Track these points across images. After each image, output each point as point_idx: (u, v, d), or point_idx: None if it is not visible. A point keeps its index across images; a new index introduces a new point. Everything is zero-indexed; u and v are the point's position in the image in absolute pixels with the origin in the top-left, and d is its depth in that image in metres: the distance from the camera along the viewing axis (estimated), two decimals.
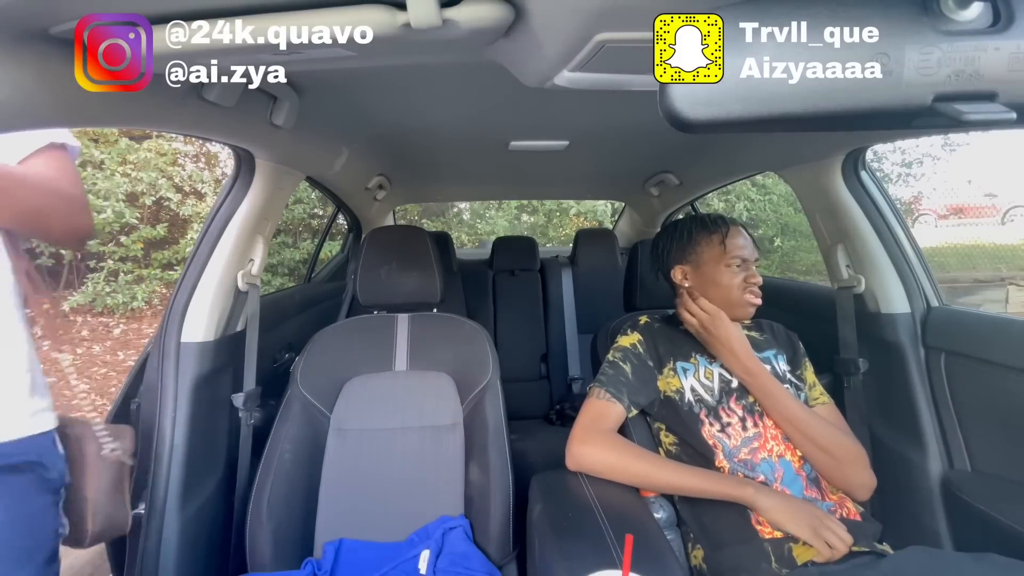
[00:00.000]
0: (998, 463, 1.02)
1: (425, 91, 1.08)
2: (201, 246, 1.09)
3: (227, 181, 1.15)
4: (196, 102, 0.82)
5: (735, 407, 0.96)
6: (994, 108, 0.35)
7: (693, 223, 1.06)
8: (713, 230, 1.03)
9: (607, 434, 0.95)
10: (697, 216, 1.06)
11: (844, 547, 0.79)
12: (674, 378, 1.00)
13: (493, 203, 7.17)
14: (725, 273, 1.00)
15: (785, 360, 1.05)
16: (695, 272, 1.04)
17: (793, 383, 1.01)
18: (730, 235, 1.01)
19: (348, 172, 1.63)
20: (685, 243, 1.05)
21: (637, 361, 1.02)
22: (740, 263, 1.00)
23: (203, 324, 1.06)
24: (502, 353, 1.20)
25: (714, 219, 1.04)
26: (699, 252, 1.03)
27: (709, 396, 0.97)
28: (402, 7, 0.55)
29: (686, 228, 1.06)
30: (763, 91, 0.35)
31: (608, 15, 0.53)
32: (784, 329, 1.13)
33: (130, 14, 0.57)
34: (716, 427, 0.95)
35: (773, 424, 0.95)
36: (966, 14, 0.35)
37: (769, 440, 0.94)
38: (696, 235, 1.04)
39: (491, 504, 1.03)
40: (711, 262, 1.02)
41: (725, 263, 1.00)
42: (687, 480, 0.89)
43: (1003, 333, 1.01)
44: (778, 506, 0.84)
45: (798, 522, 0.82)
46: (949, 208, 7.80)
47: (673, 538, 0.87)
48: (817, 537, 0.80)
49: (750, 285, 1.00)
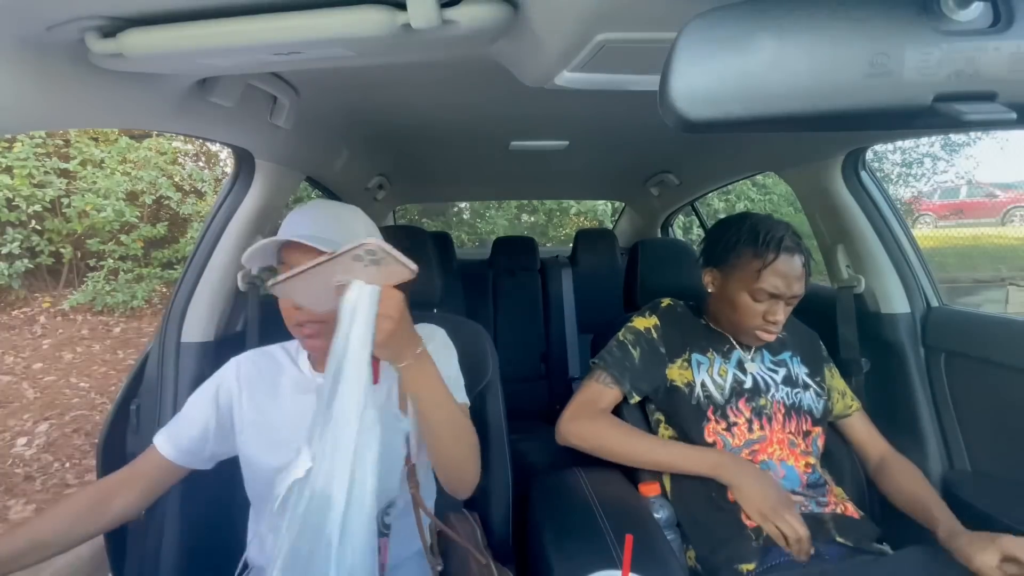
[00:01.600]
0: (998, 463, 1.02)
1: (425, 91, 1.08)
2: (201, 246, 1.09)
3: (227, 181, 1.15)
4: (196, 102, 0.82)
5: (743, 408, 0.96)
6: (994, 108, 0.35)
7: (745, 235, 0.95)
8: (758, 254, 0.92)
9: (596, 413, 0.97)
10: (755, 227, 0.94)
11: (795, 535, 0.78)
12: (687, 370, 0.99)
13: (493, 203, 7.16)
14: (746, 299, 0.94)
15: (801, 361, 1.03)
16: (722, 281, 0.99)
17: (807, 385, 1.00)
18: (772, 267, 0.90)
19: (348, 172, 1.63)
20: (728, 250, 0.97)
21: (648, 347, 1.01)
22: (768, 296, 0.92)
23: (203, 324, 1.06)
24: (502, 353, 1.20)
25: (768, 241, 0.92)
26: (733, 265, 0.96)
27: (719, 394, 0.96)
28: (402, 7, 0.55)
29: (735, 236, 0.96)
30: (763, 91, 0.35)
31: (608, 15, 0.53)
32: (807, 329, 1.10)
33: (130, 14, 0.57)
34: (721, 425, 0.94)
35: (780, 430, 0.95)
36: (966, 14, 0.35)
37: (773, 444, 0.94)
38: (740, 249, 0.95)
39: (491, 504, 1.03)
40: (739, 281, 0.95)
41: (751, 290, 0.93)
42: (663, 454, 0.92)
43: (1003, 333, 1.01)
44: (742, 484, 0.85)
45: (752, 504, 0.83)
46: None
47: (673, 538, 0.87)
48: (767, 521, 0.81)
49: (767, 323, 0.93)
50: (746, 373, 0.98)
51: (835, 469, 1.02)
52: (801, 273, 0.92)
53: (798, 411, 0.97)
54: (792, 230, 0.95)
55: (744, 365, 1.00)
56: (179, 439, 0.80)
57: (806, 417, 0.97)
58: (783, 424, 0.95)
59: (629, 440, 0.94)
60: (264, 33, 0.57)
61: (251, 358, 0.86)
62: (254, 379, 0.83)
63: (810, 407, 0.98)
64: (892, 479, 0.96)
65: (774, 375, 1.00)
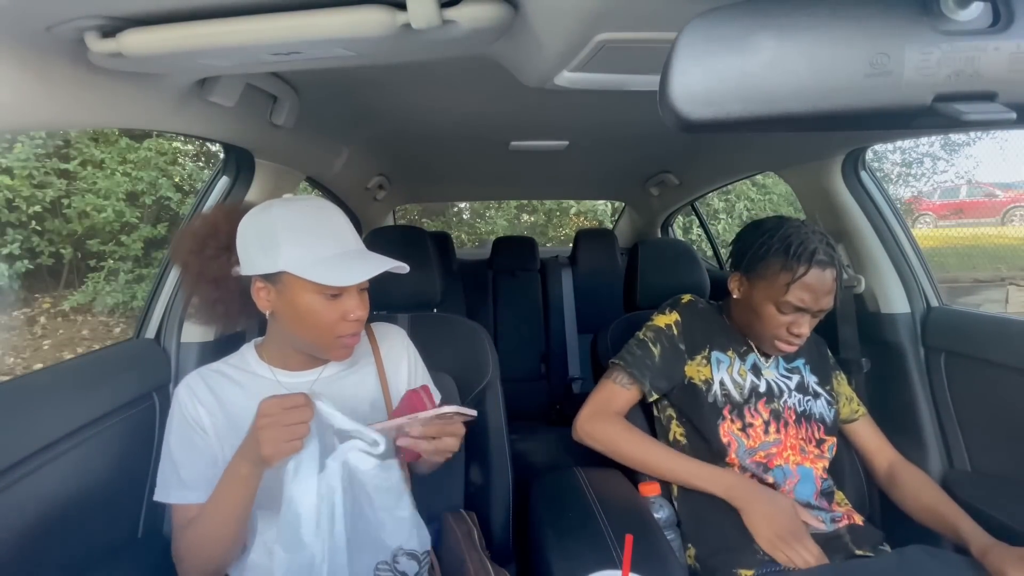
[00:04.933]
0: (998, 463, 1.02)
1: (425, 91, 1.08)
2: None
3: (227, 181, 1.15)
4: (196, 102, 0.82)
5: (762, 410, 0.95)
6: (994, 108, 0.35)
7: (776, 245, 0.91)
8: (787, 266, 0.88)
9: (612, 416, 0.98)
10: (787, 237, 0.90)
11: (806, 565, 0.79)
12: (706, 367, 0.98)
13: (493, 203, 7.17)
14: (772, 310, 0.91)
15: (811, 370, 1.03)
16: (749, 288, 0.96)
17: (817, 394, 1.00)
18: (800, 282, 0.87)
19: (348, 172, 1.63)
20: (757, 259, 0.93)
21: (668, 344, 1.00)
22: (794, 309, 0.90)
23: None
24: (502, 353, 1.20)
25: (799, 254, 0.88)
26: (760, 274, 0.93)
27: (737, 394, 0.96)
28: (402, 7, 0.55)
29: (766, 245, 0.92)
30: (763, 91, 0.35)
31: (608, 15, 0.53)
32: (815, 335, 1.08)
33: (130, 14, 0.57)
34: (737, 425, 0.94)
35: (794, 435, 0.95)
36: (966, 14, 0.35)
37: (788, 448, 0.94)
38: (770, 259, 0.91)
39: (491, 504, 1.03)
40: (765, 291, 0.92)
41: (777, 302, 0.90)
42: (677, 467, 0.92)
43: (1003, 333, 1.01)
44: (754, 510, 0.85)
45: (761, 532, 0.83)
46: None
47: (673, 538, 0.87)
48: (776, 550, 0.81)
49: (791, 335, 0.91)
50: (761, 378, 0.98)
51: (835, 472, 1.02)
52: (831, 287, 0.88)
53: (808, 419, 0.97)
54: (827, 241, 0.91)
55: (760, 370, 0.99)
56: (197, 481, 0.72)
57: (817, 425, 0.97)
58: (796, 430, 0.95)
59: (643, 448, 0.94)
60: (264, 33, 0.57)
61: (199, 379, 0.77)
62: (212, 398, 0.75)
63: (821, 415, 0.98)
64: (908, 491, 0.96)
65: (788, 382, 1.00)
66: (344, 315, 0.72)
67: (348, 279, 0.70)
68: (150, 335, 1.06)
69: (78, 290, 4.59)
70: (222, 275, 0.76)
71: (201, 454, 0.73)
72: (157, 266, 4.68)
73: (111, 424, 0.88)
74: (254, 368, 0.80)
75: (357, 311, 0.73)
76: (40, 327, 4.37)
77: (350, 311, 0.72)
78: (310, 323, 0.72)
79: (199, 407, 0.74)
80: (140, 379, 0.97)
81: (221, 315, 0.79)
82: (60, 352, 4.14)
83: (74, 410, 0.81)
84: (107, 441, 0.86)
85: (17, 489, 0.70)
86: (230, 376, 0.79)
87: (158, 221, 4.87)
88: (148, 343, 1.05)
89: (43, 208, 4.26)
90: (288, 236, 0.70)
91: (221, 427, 0.74)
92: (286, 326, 0.75)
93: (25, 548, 0.70)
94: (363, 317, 0.74)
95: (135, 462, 0.91)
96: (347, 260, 0.72)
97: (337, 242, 0.73)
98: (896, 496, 0.98)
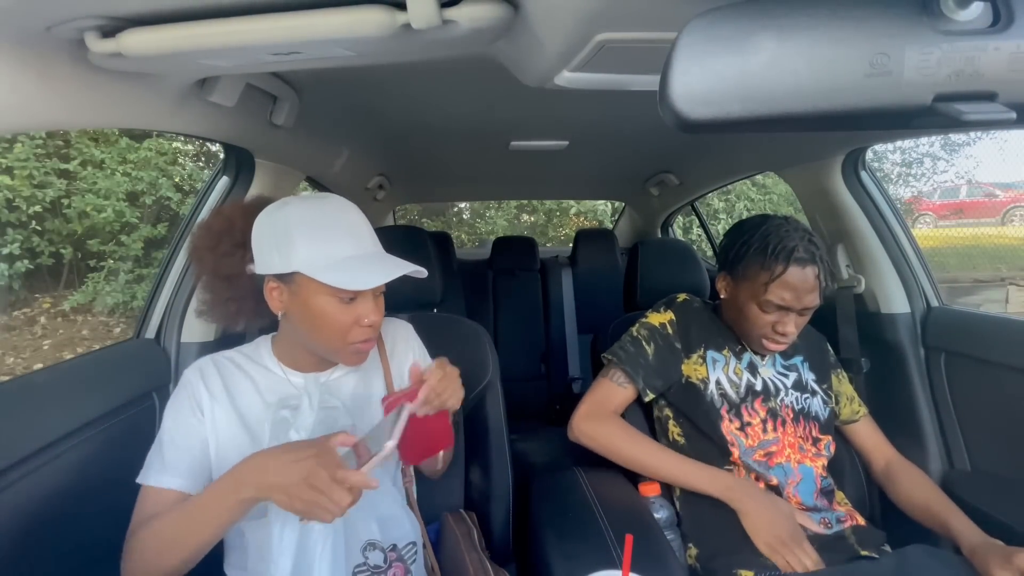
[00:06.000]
0: (998, 463, 1.02)
1: (425, 91, 1.08)
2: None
3: (227, 181, 1.15)
4: (196, 102, 0.82)
5: (759, 408, 0.95)
6: (994, 108, 0.35)
7: (755, 244, 0.92)
8: (765, 266, 0.89)
9: (608, 415, 0.97)
10: (766, 236, 0.91)
11: (804, 569, 0.79)
12: (702, 366, 0.98)
13: (493, 203, 7.17)
14: (755, 310, 0.92)
15: (809, 367, 1.03)
16: (734, 288, 0.97)
17: (814, 391, 1.00)
18: (780, 280, 0.87)
19: (348, 172, 1.63)
20: (739, 258, 0.94)
21: (663, 342, 1.00)
22: (776, 308, 0.90)
23: (203, 324, 1.06)
24: (502, 353, 1.20)
25: (777, 252, 0.88)
26: (742, 274, 0.94)
27: (734, 392, 0.96)
28: (402, 7, 0.55)
29: (746, 245, 0.93)
30: (763, 91, 0.35)
31: (608, 15, 0.53)
32: (816, 333, 1.09)
33: (130, 14, 0.57)
34: (735, 424, 0.94)
35: (792, 433, 0.95)
36: (966, 14, 0.35)
37: (787, 447, 0.94)
38: (750, 259, 0.92)
39: (491, 504, 1.03)
40: (748, 291, 0.93)
41: (759, 302, 0.91)
42: (674, 467, 0.91)
43: (1003, 333, 1.01)
44: (752, 513, 0.85)
45: (760, 534, 0.83)
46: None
47: (673, 538, 0.87)
48: (775, 553, 0.81)
49: (776, 333, 0.91)
50: (757, 376, 0.98)
51: (835, 472, 1.02)
52: (813, 285, 0.88)
53: (807, 416, 0.97)
54: (809, 238, 0.90)
55: (757, 368, 0.99)
56: (179, 465, 0.69)
57: (814, 423, 0.97)
58: (794, 428, 0.95)
59: (639, 448, 0.93)
60: (264, 33, 0.57)
61: (211, 364, 0.76)
62: (220, 386, 0.74)
63: (817, 413, 0.98)
64: (903, 488, 0.96)
65: (784, 379, 0.99)
66: (358, 320, 0.70)
67: (363, 283, 0.67)
68: (150, 335, 1.06)
69: (78, 290, 4.59)
70: (235, 273, 0.75)
71: (188, 435, 0.71)
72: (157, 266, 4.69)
73: (111, 424, 0.88)
74: (266, 363, 0.79)
75: (372, 316, 0.71)
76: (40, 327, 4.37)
77: (364, 316, 0.70)
78: (322, 326, 0.70)
79: (203, 391, 0.73)
80: (140, 379, 0.97)
81: (233, 314, 0.78)
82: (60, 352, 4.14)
83: (74, 410, 0.81)
84: (107, 441, 0.86)
85: (17, 488, 0.70)
86: (242, 366, 0.77)
87: (158, 221, 4.87)
88: (148, 343, 1.05)
89: (43, 208, 4.26)
90: (303, 235, 0.68)
91: (220, 416, 0.72)
92: (298, 328, 0.73)
93: (25, 547, 0.70)
94: (378, 323, 0.72)
95: (135, 462, 0.91)
96: (363, 263, 0.69)
97: (354, 243, 0.71)
98: (892, 493, 0.98)
